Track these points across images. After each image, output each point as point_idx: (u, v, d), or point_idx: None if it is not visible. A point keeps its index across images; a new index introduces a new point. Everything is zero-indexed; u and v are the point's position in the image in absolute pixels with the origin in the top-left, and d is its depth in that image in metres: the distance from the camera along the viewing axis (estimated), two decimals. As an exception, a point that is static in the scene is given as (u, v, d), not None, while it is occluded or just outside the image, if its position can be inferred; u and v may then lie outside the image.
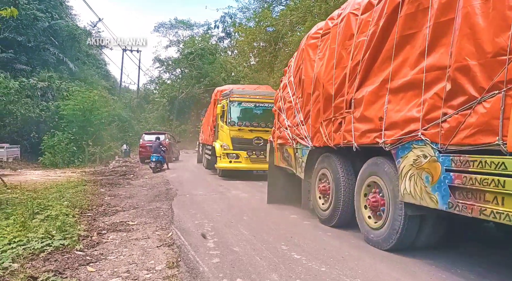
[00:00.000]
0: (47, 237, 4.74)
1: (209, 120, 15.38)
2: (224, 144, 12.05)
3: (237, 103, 12.18)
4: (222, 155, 12.05)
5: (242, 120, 12.01)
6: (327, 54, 5.65)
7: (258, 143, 11.85)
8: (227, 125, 12.03)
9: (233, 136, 11.90)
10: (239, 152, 11.92)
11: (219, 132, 12.72)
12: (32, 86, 21.05)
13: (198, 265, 3.89)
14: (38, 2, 23.70)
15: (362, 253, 4.32)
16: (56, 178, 13.27)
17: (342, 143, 5.07)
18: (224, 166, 12.12)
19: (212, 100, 15.08)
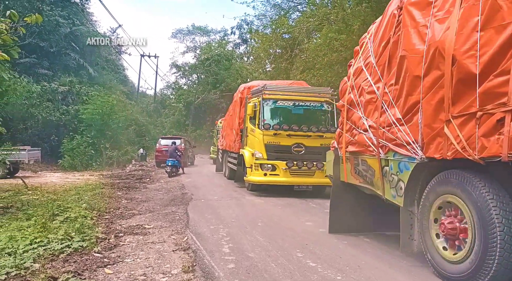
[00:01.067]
0: (67, 238, 4.85)
1: (233, 123, 12.97)
2: (257, 153, 9.75)
3: (272, 101, 10.04)
4: (254, 166, 9.74)
5: (279, 122, 9.81)
6: (458, 9, 3.50)
7: (298, 151, 9.62)
8: (259, 129, 9.72)
9: (267, 142, 9.60)
10: (276, 162, 9.60)
11: (248, 137, 10.54)
12: (53, 90, 21.65)
13: (213, 270, 3.90)
14: (61, 9, 24.41)
15: (379, 262, 4.26)
16: (74, 180, 13.55)
17: (507, 155, 2.91)
18: (258, 180, 9.74)
19: (237, 99, 12.70)
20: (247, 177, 10.17)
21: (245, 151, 10.49)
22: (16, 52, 6.42)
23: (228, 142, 13.61)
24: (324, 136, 9.58)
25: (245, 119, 10.85)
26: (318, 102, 10.20)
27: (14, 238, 4.90)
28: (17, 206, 7.82)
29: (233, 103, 13.69)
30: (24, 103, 18.52)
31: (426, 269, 4.07)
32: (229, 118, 14.11)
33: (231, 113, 13.94)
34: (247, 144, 10.57)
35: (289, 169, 9.53)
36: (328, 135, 9.43)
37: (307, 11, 18.42)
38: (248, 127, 10.56)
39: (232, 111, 13.75)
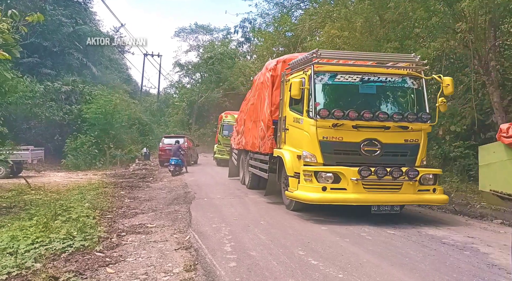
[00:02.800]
0: (69, 238, 4.86)
1: (258, 113, 9.47)
2: (306, 154, 6.58)
3: (329, 75, 6.70)
4: (304, 174, 6.47)
5: (341, 108, 6.39)
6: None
7: (371, 152, 6.40)
8: (310, 118, 6.54)
9: (323, 137, 6.40)
10: (340, 169, 6.29)
11: (289, 132, 7.45)
12: (56, 90, 21.73)
13: (215, 268, 3.89)
14: (64, 8, 24.48)
15: (380, 260, 4.23)
16: (78, 180, 13.60)
17: None
18: (313, 199, 6.28)
19: (265, 79, 8.94)
20: (291, 192, 6.82)
21: (284, 152, 7.35)
22: (18, 51, 6.44)
23: (251, 139, 10.07)
24: (410, 128, 6.47)
25: (282, 106, 7.78)
26: (398, 75, 6.87)
27: (16, 237, 4.92)
28: (20, 206, 7.87)
29: (255, 87, 10.13)
30: (27, 103, 18.62)
31: (429, 266, 4.04)
32: (251, 108, 10.46)
33: (252, 102, 10.39)
34: (286, 142, 7.54)
35: (362, 179, 6.15)
36: (416, 126, 6.47)
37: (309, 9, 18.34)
38: (288, 117, 7.47)
39: (255, 98, 10.01)
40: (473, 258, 4.41)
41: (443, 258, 4.38)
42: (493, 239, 5.38)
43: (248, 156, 10.85)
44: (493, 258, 4.45)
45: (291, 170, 6.95)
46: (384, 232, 5.60)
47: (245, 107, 11.88)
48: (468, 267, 4.08)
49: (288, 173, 7.04)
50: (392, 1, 10.30)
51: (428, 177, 6.47)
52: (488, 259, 4.41)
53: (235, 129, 13.57)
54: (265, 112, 8.64)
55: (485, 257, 4.49)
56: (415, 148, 6.48)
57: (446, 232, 5.78)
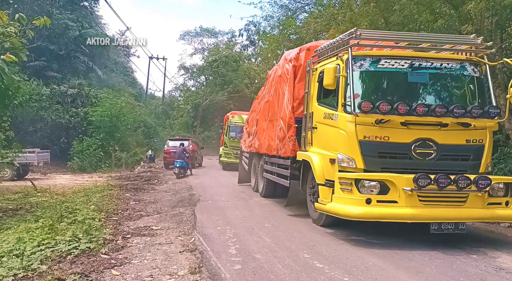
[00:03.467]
0: (74, 240, 4.88)
1: (275, 110, 8.42)
2: (342, 157, 5.42)
3: (370, 61, 5.56)
4: (341, 182, 5.27)
5: (386, 100, 5.28)
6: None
7: (426, 155, 5.25)
8: (347, 113, 5.40)
9: (364, 137, 5.27)
10: (389, 177, 5.09)
11: (317, 131, 6.28)
12: (62, 93, 21.89)
13: (220, 271, 3.89)
14: (70, 12, 24.69)
15: (386, 263, 4.20)
16: (83, 182, 13.67)
17: None
18: (355, 214, 5.05)
19: (284, 72, 7.86)
20: (322, 204, 5.62)
21: (312, 155, 6.17)
22: (25, 55, 6.50)
23: (266, 141, 8.92)
24: (473, 126, 5.29)
25: (308, 100, 6.63)
26: (456, 61, 5.73)
27: (22, 239, 4.95)
28: (26, 208, 7.92)
29: (270, 82, 9.07)
30: (33, 106, 18.76)
31: (435, 270, 4.00)
32: (265, 106, 9.31)
33: (267, 99, 9.25)
34: (313, 143, 6.38)
35: (419, 190, 4.92)
36: (480, 123, 5.32)
37: (314, 12, 18.33)
38: (316, 113, 6.31)
39: (270, 94, 8.93)
40: (480, 262, 4.37)
41: (450, 262, 4.34)
42: None
43: (262, 160, 9.63)
44: None
45: (322, 177, 5.76)
46: (390, 236, 5.54)
47: (257, 105, 10.68)
48: (475, 271, 4.04)
49: (318, 180, 5.82)
50: (397, 4, 10.26)
51: (498, 187, 5.22)
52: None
53: (246, 130, 12.38)
54: (285, 109, 7.47)
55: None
56: (479, 150, 5.31)
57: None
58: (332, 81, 5.39)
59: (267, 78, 9.89)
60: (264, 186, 9.42)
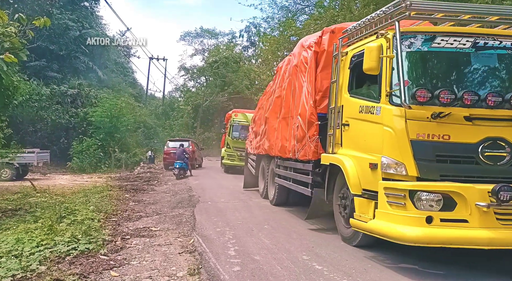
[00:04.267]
0: (73, 241, 4.88)
1: (286, 107, 7.56)
2: (389, 161, 4.27)
3: (424, 38, 4.45)
4: (390, 194, 4.14)
5: (445, 89, 4.10)
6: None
7: (497, 159, 4.09)
8: (393, 105, 4.31)
9: (418, 135, 4.13)
10: (455, 187, 3.93)
11: (349, 128, 5.19)
12: (62, 93, 21.91)
13: (219, 272, 3.88)
14: (70, 12, 24.72)
15: (385, 266, 4.19)
16: (83, 183, 13.67)
17: None
18: (411, 236, 3.84)
19: (297, 62, 7.03)
20: (361, 221, 4.53)
21: (343, 159, 5.05)
22: (25, 55, 6.50)
23: (278, 142, 7.88)
24: None
25: (336, 92, 5.52)
26: None
27: (21, 240, 4.94)
28: (25, 208, 7.91)
29: (282, 75, 8.11)
30: (33, 106, 18.78)
31: (435, 272, 3.99)
32: (277, 102, 8.26)
33: (278, 94, 8.22)
34: (344, 143, 5.28)
35: (497, 206, 3.83)
36: None
37: (314, 14, 18.37)
38: (347, 106, 5.22)
39: (283, 88, 7.89)
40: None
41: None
42: None
43: (272, 163, 8.62)
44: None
45: (357, 187, 4.69)
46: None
47: (265, 102, 9.60)
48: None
49: (353, 190, 4.73)
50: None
51: None
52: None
53: (252, 130, 11.37)
54: (303, 104, 6.35)
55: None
56: None
57: None
58: (375, 64, 4.29)
59: (277, 71, 8.91)
60: (276, 193, 8.34)
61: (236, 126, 17.74)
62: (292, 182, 7.19)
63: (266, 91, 10.08)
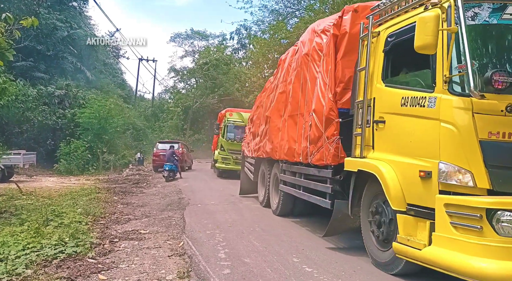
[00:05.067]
0: (60, 244, 4.80)
1: (294, 104, 6.66)
2: (448, 168, 3.29)
3: (492, 7, 3.42)
4: (454, 212, 3.15)
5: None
6: None
7: None
8: (454, 94, 3.35)
9: (489, 134, 3.19)
10: None
11: (385, 127, 4.19)
12: (49, 94, 21.58)
13: (209, 275, 3.86)
14: (59, 12, 24.41)
15: (374, 267, 4.22)
16: (70, 185, 13.46)
17: None
18: (488, 273, 2.86)
19: (308, 50, 6.16)
20: (410, 247, 3.55)
21: (379, 165, 4.09)
22: (11, 55, 6.39)
23: (284, 143, 6.89)
24: None
25: (366, 82, 4.53)
26: None
27: (6, 243, 4.84)
28: (11, 211, 7.75)
29: (287, 67, 7.22)
30: (20, 107, 18.45)
31: (424, 274, 4.03)
32: (280, 98, 7.34)
33: (282, 89, 7.32)
34: (376, 145, 4.34)
35: None
36: None
37: (305, 17, 18.48)
38: (382, 99, 4.28)
39: (288, 82, 6.98)
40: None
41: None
42: None
43: (276, 167, 7.71)
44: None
45: (401, 200, 3.76)
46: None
47: (265, 100, 8.73)
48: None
49: (395, 205, 3.79)
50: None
51: None
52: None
53: (249, 131, 10.43)
54: (319, 98, 5.36)
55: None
56: None
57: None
58: (432, 39, 3.25)
59: (280, 63, 8.09)
60: (280, 202, 7.28)
61: (231, 126, 16.30)
62: (302, 190, 6.15)
63: (265, 88, 9.23)
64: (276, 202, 7.68)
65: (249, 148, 9.93)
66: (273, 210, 7.77)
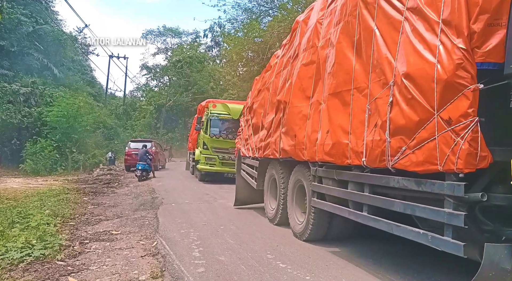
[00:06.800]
0: (27, 246, 4.62)
1: (343, 72, 4.25)
2: None
3: None
4: None
5: None
6: None
7: None
8: None
9: None
10: None
11: None
12: (14, 92, 20.65)
13: (183, 274, 3.84)
14: (23, 7, 23.42)
15: (346, 262, 4.33)
16: (37, 186, 12.97)
17: None
18: None
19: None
20: None
21: None
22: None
23: (330, 137, 4.42)
24: None
25: None
26: None
27: (-32, 247, 4.61)
28: (-27, 214, 7.38)
29: (315, 27, 5.23)
30: (-19, 105, 17.61)
31: (393, 268, 4.18)
32: (305, 72, 5.33)
33: (309, 58, 5.27)
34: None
35: None
36: None
37: (278, 16, 18.60)
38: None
39: (330, 43, 4.64)
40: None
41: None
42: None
43: (300, 172, 5.55)
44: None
45: None
46: (350, 236, 5.58)
47: (274, 79, 6.61)
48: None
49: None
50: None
51: None
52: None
53: (246, 124, 8.45)
54: (419, 53, 3.06)
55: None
56: None
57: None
58: None
59: (294, 27, 6.18)
60: (311, 223, 5.08)
61: (215, 120, 13.67)
62: (371, 213, 3.80)
63: (270, 65, 7.38)
64: (301, 221, 5.45)
65: (248, 146, 7.87)
66: (295, 232, 5.54)
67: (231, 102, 14.90)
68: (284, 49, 6.66)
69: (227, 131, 13.52)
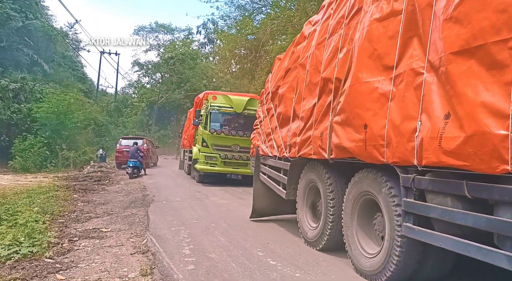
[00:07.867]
0: (15, 244, 4.56)
1: None
2: None
3: None
4: None
5: None
6: None
7: None
8: None
9: None
10: None
11: None
12: (3, 87, 20.39)
13: (172, 272, 3.82)
14: (12, 1, 23.07)
15: (336, 260, 4.36)
16: (26, 183, 12.83)
17: None
18: None
19: None
20: None
21: None
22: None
23: (453, 125, 2.44)
24: None
25: None
26: None
27: (-46, 245, 4.54)
28: (-40, 211, 7.27)
29: None
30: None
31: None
32: (375, 35, 3.48)
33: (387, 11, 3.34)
34: None
35: None
36: None
37: (271, 13, 18.57)
38: None
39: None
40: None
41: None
42: None
43: (373, 181, 3.60)
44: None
45: None
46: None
47: (313, 52, 4.93)
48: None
49: None
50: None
51: None
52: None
53: (267, 114, 6.79)
54: None
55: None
56: None
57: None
58: None
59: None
60: (398, 261, 3.22)
61: (216, 113, 12.12)
62: None
63: (302, 36, 5.74)
64: (371, 254, 3.71)
65: (272, 143, 6.28)
66: (361, 268, 3.79)
67: (233, 94, 13.32)
68: (326, 10, 4.91)
69: (229, 126, 12.04)
